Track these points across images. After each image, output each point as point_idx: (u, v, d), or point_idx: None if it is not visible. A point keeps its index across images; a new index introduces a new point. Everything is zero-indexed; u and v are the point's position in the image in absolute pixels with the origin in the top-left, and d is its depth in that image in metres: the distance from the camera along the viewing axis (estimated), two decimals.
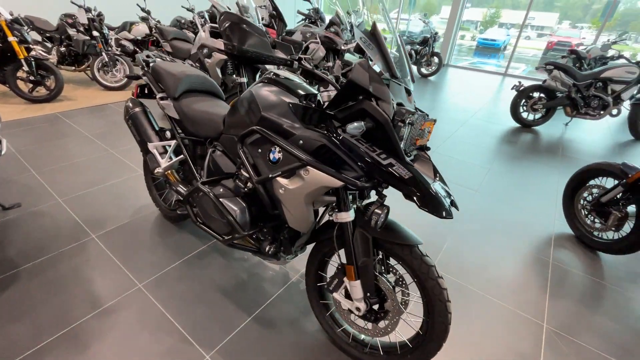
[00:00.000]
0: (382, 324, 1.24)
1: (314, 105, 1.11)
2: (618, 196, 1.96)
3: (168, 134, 1.74)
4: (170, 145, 1.71)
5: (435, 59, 7.21)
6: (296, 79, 1.26)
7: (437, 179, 1.04)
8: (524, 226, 2.35)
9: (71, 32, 4.33)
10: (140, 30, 5.25)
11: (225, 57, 2.78)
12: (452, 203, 1.00)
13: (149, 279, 1.69)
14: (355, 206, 1.16)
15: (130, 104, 1.80)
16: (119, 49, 4.98)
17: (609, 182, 2.15)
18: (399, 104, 1.01)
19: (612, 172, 1.99)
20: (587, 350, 1.49)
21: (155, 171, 1.69)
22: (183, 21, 5.79)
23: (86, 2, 5.90)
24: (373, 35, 0.97)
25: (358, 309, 1.20)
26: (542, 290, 1.81)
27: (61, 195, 2.30)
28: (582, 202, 2.21)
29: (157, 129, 1.78)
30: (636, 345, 1.54)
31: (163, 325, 1.45)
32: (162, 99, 1.68)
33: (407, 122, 0.96)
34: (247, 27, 2.50)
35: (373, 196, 1.39)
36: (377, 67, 1.00)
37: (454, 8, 8.54)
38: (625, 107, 4.42)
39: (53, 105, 3.98)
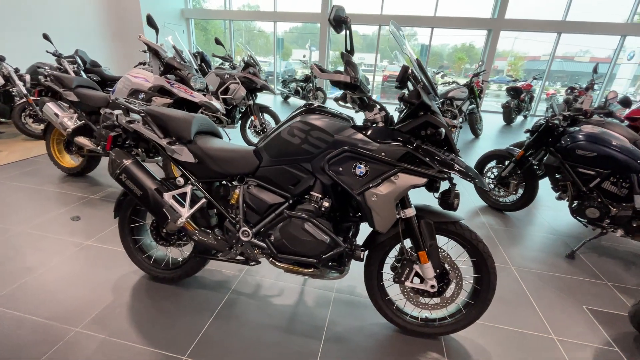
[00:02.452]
0: (447, 293, 1.51)
1: (377, 125, 1.34)
2: (511, 171, 2.86)
3: (180, 180, 1.60)
4: (185, 193, 1.57)
5: (321, 93, 8.24)
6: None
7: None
8: None
9: None
10: None
11: (169, 100, 2.62)
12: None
13: (191, 347, 1.45)
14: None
15: (117, 157, 1.57)
16: None
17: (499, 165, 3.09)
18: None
19: (503, 155, 2.89)
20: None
21: (178, 222, 1.52)
22: (44, 68, 4.86)
23: None
24: (420, 67, 1.31)
25: (433, 286, 1.45)
26: (490, 240, 2.45)
27: None
28: (487, 180, 3.07)
29: (158, 178, 1.61)
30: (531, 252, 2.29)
31: None
32: (170, 143, 1.55)
33: (458, 126, 1.31)
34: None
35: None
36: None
37: (321, 50, 9.98)
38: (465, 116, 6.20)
39: None
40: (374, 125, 1.36)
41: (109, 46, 8.58)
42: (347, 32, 1.18)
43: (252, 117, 4.30)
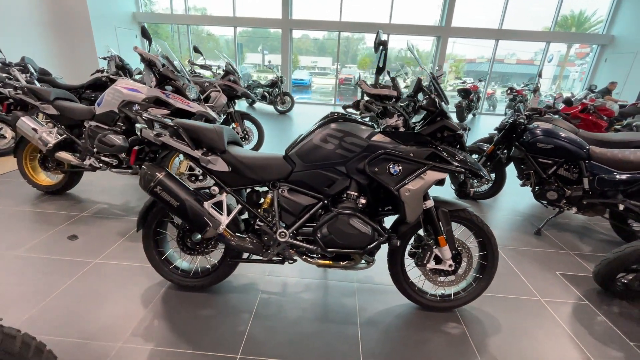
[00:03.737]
0: (460, 270, 1.77)
1: (399, 129, 1.55)
2: (483, 163, 3.26)
3: (215, 189, 1.66)
4: (221, 201, 1.65)
5: (288, 98, 8.35)
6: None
7: None
8: None
9: None
10: None
11: (166, 111, 2.60)
12: None
13: (242, 346, 1.53)
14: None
15: (149, 170, 1.59)
16: None
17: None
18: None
19: (474, 150, 3.29)
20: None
21: (220, 229, 1.59)
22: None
23: None
24: (434, 80, 1.55)
25: (450, 265, 1.69)
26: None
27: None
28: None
29: (191, 188, 1.66)
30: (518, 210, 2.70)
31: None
32: (204, 154, 1.61)
33: (467, 129, 1.57)
34: None
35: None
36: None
37: (284, 55, 10.09)
38: None
39: None
40: (396, 129, 1.57)
41: (55, 53, 7.88)
42: (383, 52, 1.37)
43: (234, 124, 4.32)
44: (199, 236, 1.77)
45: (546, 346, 1.64)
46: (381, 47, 1.33)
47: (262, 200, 1.71)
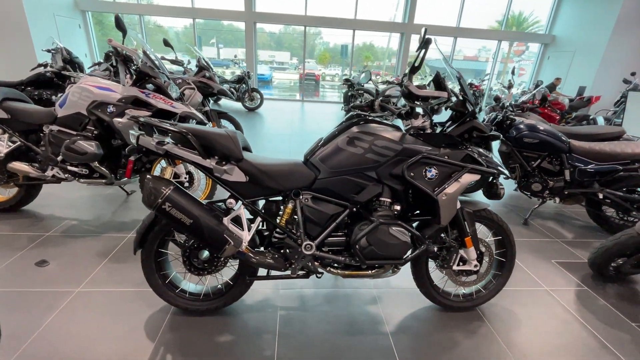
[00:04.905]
0: (482, 269, 1.78)
1: (425, 131, 1.50)
2: None
3: (232, 202, 1.48)
4: (239, 215, 1.48)
5: (257, 94, 8.04)
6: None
7: None
8: None
9: None
10: None
11: (147, 113, 2.31)
12: None
13: None
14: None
15: (155, 185, 1.37)
16: None
17: None
18: None
19: None
20: None
21: (242, 247, 1.42)
22: None
23: None
24: (461, 79, 1.51)
25: (476, 265, 1.69)
26: None
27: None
28: None
29: (203, 202, 1.47)
30: None
31: None
32: (219, 163, 1.43)
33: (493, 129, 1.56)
34: None
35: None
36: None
37: (248, 49, 9.70)
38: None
39: None
40: (423, 131, 1.52)
41: None
42: (424, 51, 1.30)
43: (211, 124, 4.02)
44: (206, 254, 1.59)
45: (565, 334, 1.71)
46: (425, 46, 1.26)
47: (282, 210, 1.57)
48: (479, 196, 3.48)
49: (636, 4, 8.28)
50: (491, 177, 1.61)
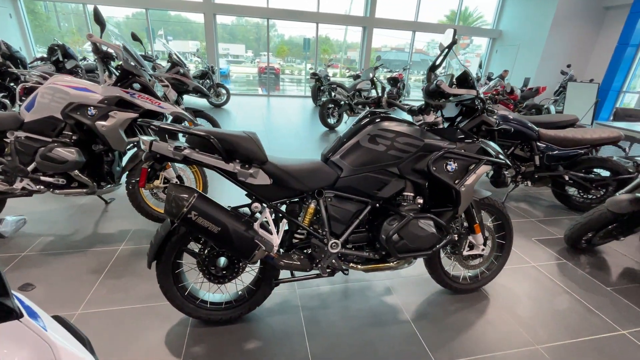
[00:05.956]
0: (485, 252, 1.92)
1: (438, 126, 1.57)
2: None
3: (257, 206, 1.44)
4: (266, 218, 1.45)
5: (223, 90, 7.73)
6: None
7: None
8: None
9: None
10: None
11: (133, 115, 2.14)
12: None
13: None
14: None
15: (179, 193, 1.29)
16: None
17: None
18: None
19: None
20: None
21: (273, 252, 1.40)
22: None
23: None
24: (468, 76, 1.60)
25: (483, 249, 1.82)
26: None
27: None
28: None
29: (227, 207, 1.41)
30: None
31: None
32: (243, 167, 1.37)
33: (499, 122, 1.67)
34: None
35: None
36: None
37: (209, 43, 9.25)
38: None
39: None
40: (436, 126, 1.59)
41: None
42: (447, 50, 1.35)
43: (187, 123, 3.81)
44: (224, 261, 1.53)
45: (557, 303, 1.92)
46: (451, 46, 1.31)
47: (305, 211, 1.56)
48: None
49: (570, 2, 9.22)
50: (498, 167, 1.74)
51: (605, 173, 3.03)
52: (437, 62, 1.42)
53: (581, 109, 6.79)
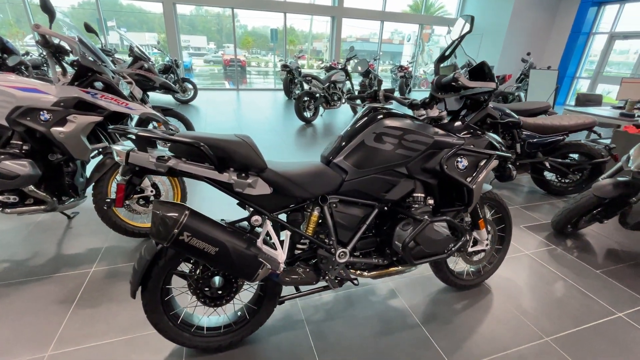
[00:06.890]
0: (488, 246, 1.89)
1: (442, 121, 1.49)
2: None
3: (258, 219, 1.27)
4: (267, 232, 1.29)
5: (189, 85, 7.26)
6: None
7: None
8: None
9: None
10: None
11: (97, 118, 1.86)
12: None
13: None
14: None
15: (167, 212, 1.10)
16: None
17: None
18: None
19: None
20: None
21: (280, 269, 1.25)
22: None
23: None
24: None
25: (487, 244, 1.79)
26: None
27: None
28: None
29: (224, 223, 1.24)
30: None
31: None
32: (239, 177, 1.20)
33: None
34: None
35: None
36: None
37: (170, 34, 8.65)
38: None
39: None
40: (440, 121, 1.51)
41: None
42: (459, 41, 1.25)
43: (155, 124, 3.48)
44: (219, 280, 1.37)
45: (555, 290, 1.95)
46: (464, 36, 1.21)
47: (308, 219, 1.42)
48: None
49: None
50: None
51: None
52: (447, 53, 1.32)
53: (543, 95, 7.14)
